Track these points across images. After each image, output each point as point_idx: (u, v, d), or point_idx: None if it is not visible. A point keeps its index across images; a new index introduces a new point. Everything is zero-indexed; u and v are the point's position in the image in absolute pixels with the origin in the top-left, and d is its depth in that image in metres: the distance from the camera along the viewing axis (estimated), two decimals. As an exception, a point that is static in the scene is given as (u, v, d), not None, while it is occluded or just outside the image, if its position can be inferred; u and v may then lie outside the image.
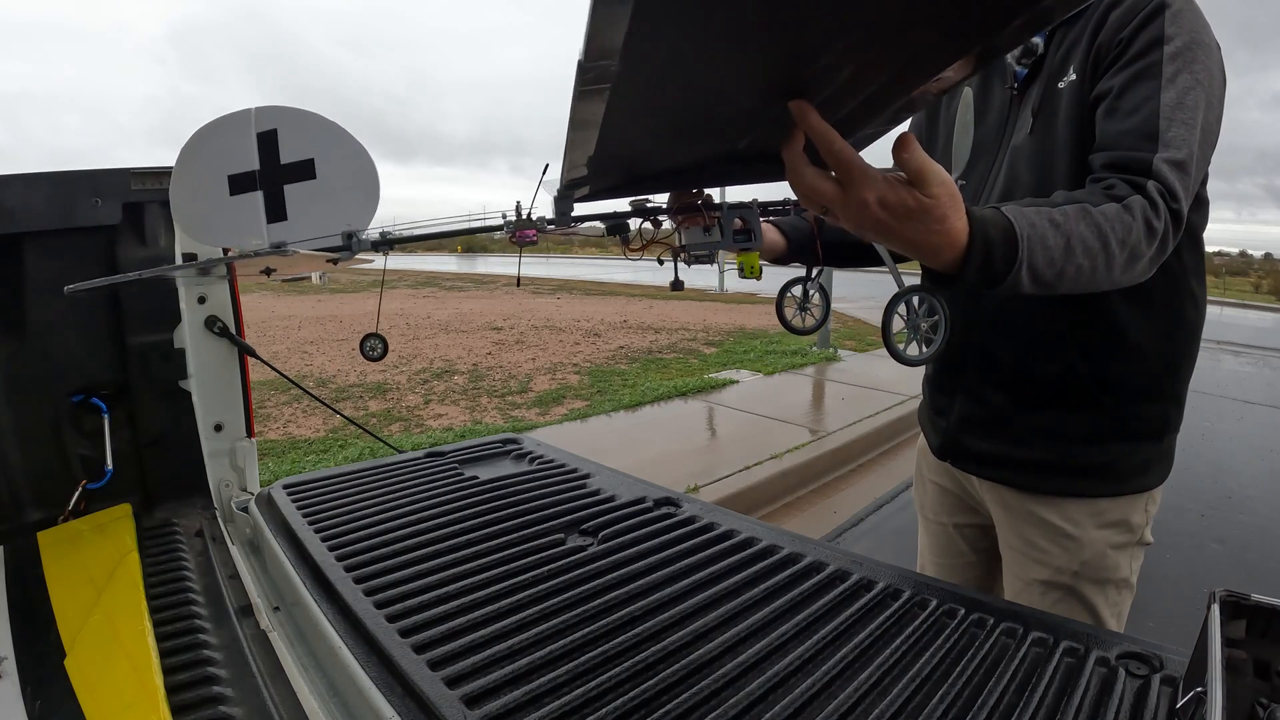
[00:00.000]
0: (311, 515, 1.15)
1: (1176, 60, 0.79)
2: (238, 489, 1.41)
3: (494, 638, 0.81)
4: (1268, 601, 0.59)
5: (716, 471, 3.48)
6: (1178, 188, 0.75)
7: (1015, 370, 1.00)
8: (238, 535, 1.26)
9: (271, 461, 3.68)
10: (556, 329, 9.16)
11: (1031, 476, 1.01)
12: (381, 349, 0.99)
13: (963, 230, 0.62)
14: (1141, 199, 0.73)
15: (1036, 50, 0.95)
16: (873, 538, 3.13)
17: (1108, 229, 0.70)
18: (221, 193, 0.89)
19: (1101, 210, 0.71)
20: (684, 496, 1.26)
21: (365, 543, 1.05)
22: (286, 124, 0.89)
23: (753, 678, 0.73)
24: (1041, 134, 0.93)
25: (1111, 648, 0.76)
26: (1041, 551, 1.01)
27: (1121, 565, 1.00)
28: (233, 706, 0.76)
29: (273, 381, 5.32)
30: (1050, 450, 0.99)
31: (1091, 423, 0.97)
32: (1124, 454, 0.97)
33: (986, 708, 0.68)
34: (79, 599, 0.94)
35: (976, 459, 1.07)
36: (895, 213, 0.60)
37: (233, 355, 1.40)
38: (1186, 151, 0.77)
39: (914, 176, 0.59)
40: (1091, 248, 0.69)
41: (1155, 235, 0.73)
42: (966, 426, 1.06)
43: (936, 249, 0.62)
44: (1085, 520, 0.99)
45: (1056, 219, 0.68)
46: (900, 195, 0.59)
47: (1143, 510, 1.00)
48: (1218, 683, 0.50)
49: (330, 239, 0.88)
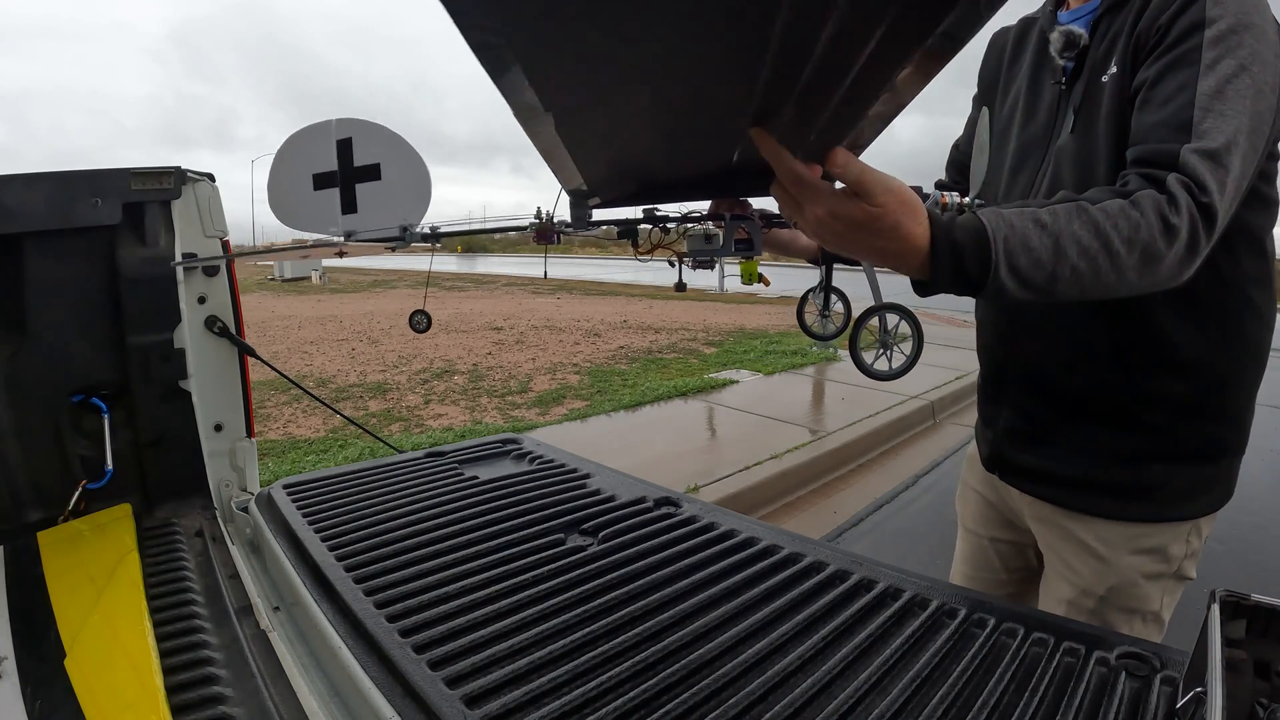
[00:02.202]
0: (311, 515, 1.15)
1: (1219, 45, 0.72)
2: (238, 489, 1.41)
3: (494, 638, 0.81)
4: (1268, 601, 0.59)
5: (716, 471, 3.48)
6: (1208, 180, 0.68)
7: (1055, 382, 0.95)
8: (238, 535, 1.26)
9: (271, 461, 3.67)
10: (556, 329, 9.16)
11: (1068, 493, 0.96)
12: (426, 323, 1.16)
13: (922, 236, 0.62)
14: (1155, 194, 0.67)
15: (1080, 42, 0.89)
16: (873, 538, 3.12)
17: (1108, 227, 0.65)
18: (306, 187, 1.11)
19: (1102, 207, 0.66)
20: (684, 496, 1.26)
21: (365, 543, 1.05)
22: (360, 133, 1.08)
23: (753, 677, 0.73)
24: (1083, 132, 0.87)
25: (1111, 648, 0.76)
26: (1071, 570, 0.97)
27: (1153, 597, 0.92)
28: (233, 706, 0.76)
29: (273, 381, 5.32)
30: (1088, 467, 0.93)
31: (1132, 441, 0.90)
32: (1167, 476, 0.90)
33: (986, 708, 0.68)
34: (79, 599, 0.94)
35: (1019, 472, 1.02)
36: (848, 225, 0.61)
37: (233, 355, 1.40)
38: (1223, 141, 0.69)
39: (855, 189, 0.60)
40: (1089, 248, 0.64)
41: (1175, 233, 0.66)
42: (1011, 438, 1.01)
43: (899, 255, 0.63)
44: (1118, 543, 0.92)
45: (1044, 219, 0.64)
46: (848, 208, 0.60)
47: (1184, 540, 0.91)
48: (1218, 683, 0.50)
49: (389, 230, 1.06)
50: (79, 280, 1.23)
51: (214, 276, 1.36)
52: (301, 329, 9.28)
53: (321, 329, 9.23)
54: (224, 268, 1.36)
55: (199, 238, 1.33)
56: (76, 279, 1.22)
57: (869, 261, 0.66)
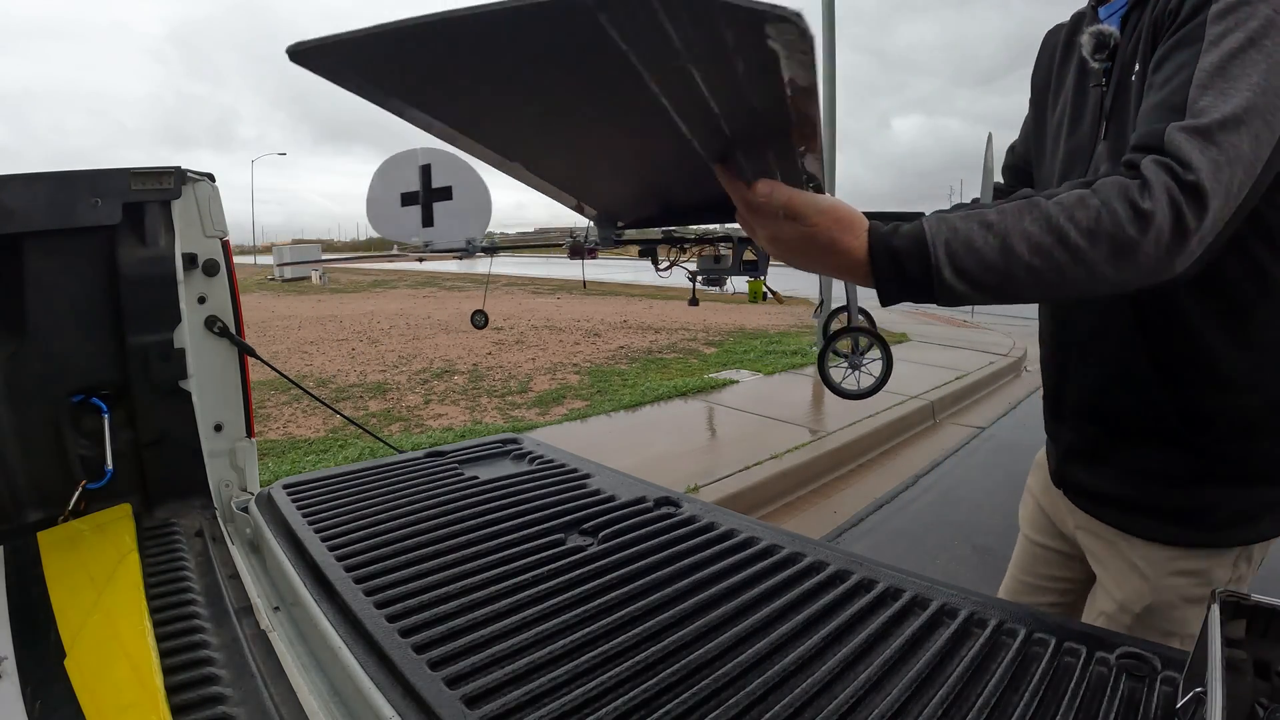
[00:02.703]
0: (311, 515, 1.15)
1: (1225, 19, 0.66)
2: (238, 489, 1.41)
3: (494, 638, 0.81)
4: (1268, 601, 0.59)
5: (716, 471, 3.48)
6: (1193, 156, 0.61)
7: (1105, 402, 0.92)
8: (238, 535, 1.26)
9: (271, 461, 3.67)
10: (556, 329, 9.16)
11: (1118, 513, 0.93)
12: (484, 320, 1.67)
13: (860, 248, 0.63)
14: (1120, 179, 0.62)
15: (1110, 42, 0.83)
16: (873, 538, 3.12)
17: (1061, 220, 0.61)
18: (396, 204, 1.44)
19: (1057, 200, 0.62)
20: (684, 496, 1.26)
21: (365, 543, 1.05)
22: (438, 161, 1.38)
23: (753, 677, 0.73)
24: (1115, 137, 0.82)
25: (1111, 648, 0.75)
26: (1115, 585, 0.94)
27: (1191, 621, 0.87)
28: (233, 706, 0.76)
29: (273, 381, 5.32)
30: (1140, 488, 0.89)
31: (1184, 462, 0.85)
32: (1219, 499, 0.85)
33: (986, 708, 0.68)
34: (79, 599, 0.94)
35: (1077, 489, 0.99)
36: (791, 246, 0.64)
37: (233, 355, 1.40)
38: (1218, 116, 0.63)
39: (788, 213, 0.62)
40: (1041, 244, 0.61)
41: (1147, 218, 0.60)
42: (1071, 456, 0.99)
43: (844, 268, 0.65)
44: (1160, 563, 0.88)
45: (990, 219, 0.62)
46: (785, 230, 0.63)
47: (1230, 565, 0.86)
48: (1218, 683, 0.50)
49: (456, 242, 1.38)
50: (79, 280, 1.23)
51: (214, 276, 1.36)
52: (301, 329, 9.28)
53: (321, 329, 9.23)
54: (224, 267, 1.37)
55: (199, 238, 1.33)
56: (76, 279, 1.22)
57: (821, 274, 0.70)
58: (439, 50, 0.47)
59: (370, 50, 0.47)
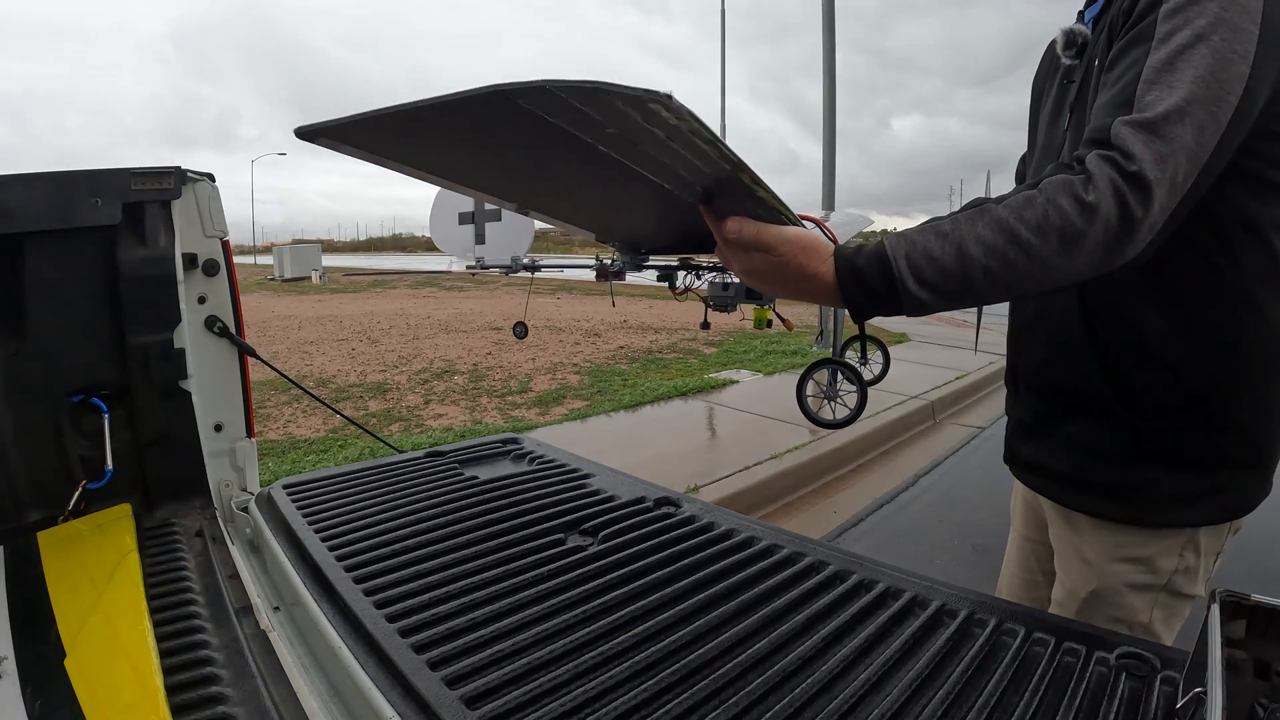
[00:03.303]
0: (311, 515, 1.15)
1: (1175, 16, 0.68)
2: (238, 489, 1.41)
3: (494, 638, 0.81)
4: (1268, 601, 0.59)
5: (716, 471, 3.48)
6: (1135, 147, 0.63)
7: (1048, 376, 0.94)
8: (238, 535, 1.26)
9: (271, 461, 3.67)
10: (556, 329, 9.16)
11: (1057, 487, 0.95)
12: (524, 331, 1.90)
13: (827, 272, 0.67)
14: (1064, 175, 0.65)
15: (1078, 39, 0.85)
16: (873, 538, 3.12)
17: (1012, 221, 0.63)
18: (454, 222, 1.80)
19: (1006, 203, 0.65)
20: (684, 496, 1.26)
21: (365, 543, 1.05)
22: None
23: (753, 677, 0.73)
24: (1075, 132, 0.84)
25: (1111, 648, 0.76)
26: (1063, 570, 0.96)
27: (1139, 609, 0.88)
28: (233, 706, 0.76)
29: (273, 381, 5.32)
30: (1077, 463, 0.91)
31: (1118, 438, 0.87)
32: (1157, 478, 0.85)
33: (986, 708, 0.68)
34: (79, 599, 0.94)
35: (1020, 463, 1.03)
36: (764, 276, 0.69)
37: (233, 355, 1.40)
38: (1162, 110, 0.65)
39: (757, 247, 0.66)
40: (995, 246, 0.63)
41: (1093, 210, 0.62)
42: (1017, 430, 1.03)
43: (813, 291, 0.68)
44: (1103, 548, 0.90)
45: (944, 228, 0.66)
46: (756, 261, 0.67)
47: (1176, 554, 0.86)
48: (1218, 683, 0.50)
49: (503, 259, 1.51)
50: (79, 280, 1.23)
51: (214, 276, 1.36)
52: (301, 329, 9.28)
53: (321, 329, 9.23)
54: (224, 267, 1.37)
55: (199, 238, 1.33)
56: (76, 279, 1.22)
57: (795, 299, 0.74)
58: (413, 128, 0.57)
59: (358, 130, 0.57)
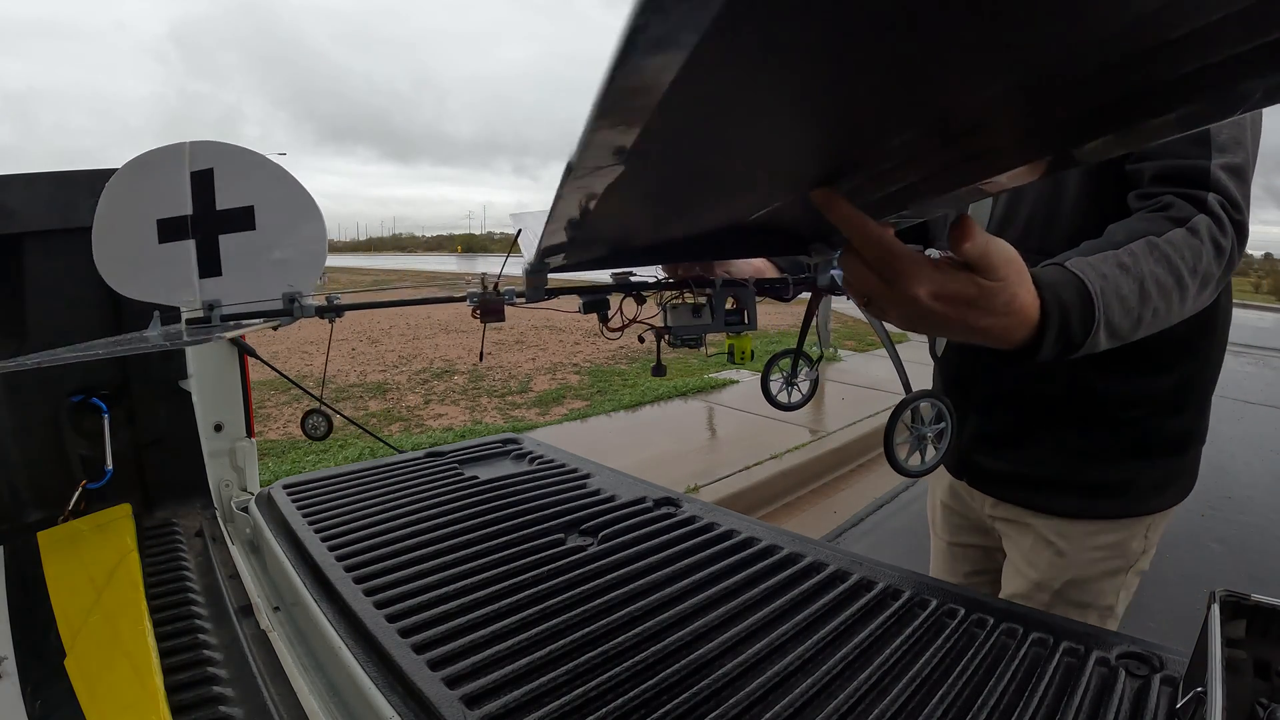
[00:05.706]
0: (311, 515, 1.15)
1: None
2: (238, 489, 1.41)
3: (494, 638, 0.81)
4: (1268, 601, 0.59)
5: (716, 471, 3.48)
6: (1238, 196, 0.67)
7: (1027, 389, 0.94)
8: (238, 535, 1.26)
9: (271, 461, 3.67)
10: (556, 329, 9.16)
11: (1038, 494, 0.96)
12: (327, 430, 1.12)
13: (1032, 304, 0.53)
14: (1206, 218, 0.66)
15: None
16: (873, 538, 3.12)
17: (1178, 260, 0.62)
18: (150, 239, 0.77)
19: (1168, 239, 0.63)
20: (684, 496, 1.26)
21: (365, 543, 1.05)
22: (225, 164, 0.76)
23: (753, 678, 0.73)
24: None
25: (1111, 648, 0.75)
26: (1029, 565, 0.97)
27: (1107, 592, 0.94)
28: (233, 706, 0.76)
29: (273, 381, 5.32)
30: (1061, 468, 0.93)
31: (1107, 439, 0.90)
32: (1139, 471, 0.90)
33: (986, 708, 0.68)
34: (79, 599, 0.94)
35: (987, 477, 1.03)
36: (954, 304, 0.50)
37: (233, 355, 1.40)
38: (1243, 155, 0.68)
39: (977, 264, 0.50)
40: (1165, 285, 0.61)
41: (1224, 254, 0.66)
42: (980, 445, 1.01)
43: (1006, 330, 0.53)
44: (1078, 538, 0.93)
45: (1125, 261, 0.59)
46: (958, 285, 0.50)
47: (1142, 536, 0.93)
48: (1218, 683, 0.50)
49: (270, 302, 0.75)
50: (79, 280, 1.23)
51: (214, 276, 1.35)
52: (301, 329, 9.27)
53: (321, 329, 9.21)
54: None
55: (199, 238, 1.32)
56: (76, 279, 1.22)
57: (961, 339, 0.54)
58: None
59: None
